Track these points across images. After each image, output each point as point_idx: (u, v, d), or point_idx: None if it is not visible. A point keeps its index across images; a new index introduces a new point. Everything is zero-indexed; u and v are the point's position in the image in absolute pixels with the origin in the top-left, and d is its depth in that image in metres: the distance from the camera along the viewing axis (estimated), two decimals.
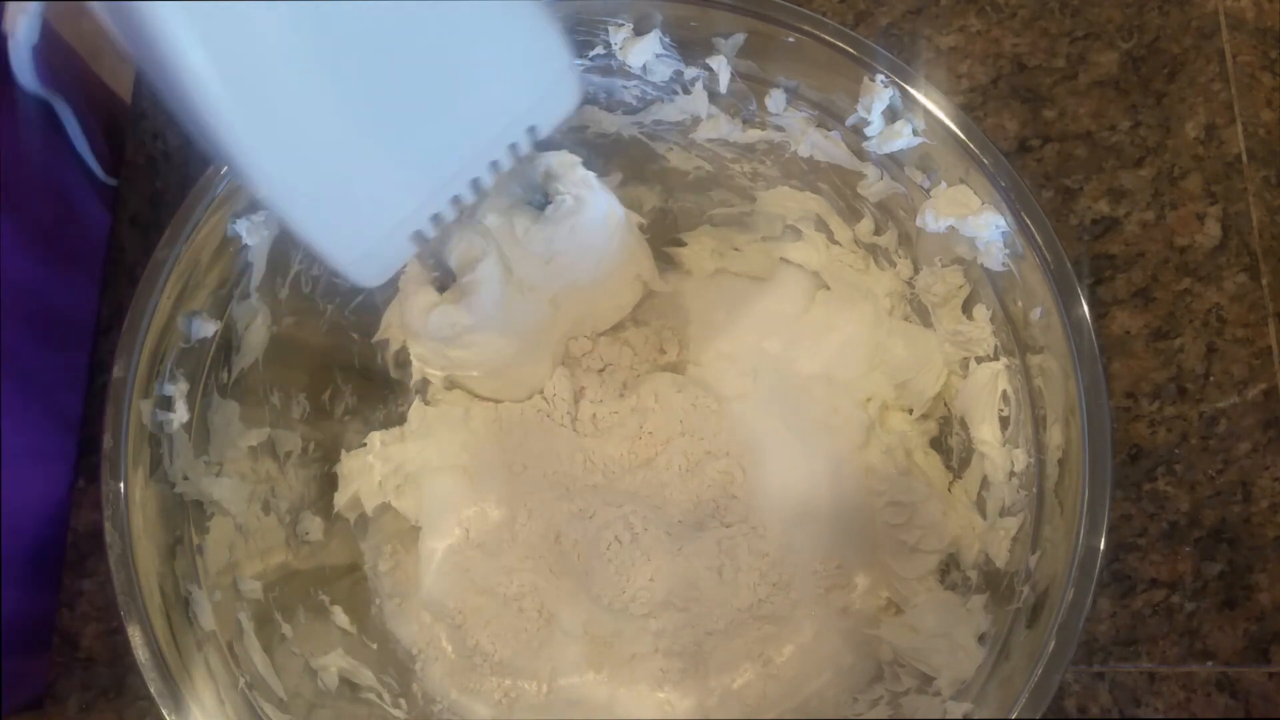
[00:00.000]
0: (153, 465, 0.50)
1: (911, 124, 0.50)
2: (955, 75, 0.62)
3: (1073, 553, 0.46)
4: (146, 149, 0.63)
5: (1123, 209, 0.60)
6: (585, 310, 0.59)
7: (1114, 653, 0.54)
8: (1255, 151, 0.60)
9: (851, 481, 0.56)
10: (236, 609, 0.51)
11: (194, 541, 0.51)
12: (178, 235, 0.49)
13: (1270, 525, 0.55)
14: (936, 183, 0.50)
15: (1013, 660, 0.47)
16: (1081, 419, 0.46)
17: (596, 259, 0.55)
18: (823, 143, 0.54)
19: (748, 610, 0.54)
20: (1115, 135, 0.61)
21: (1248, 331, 0.58)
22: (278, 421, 0.57)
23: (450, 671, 0.57)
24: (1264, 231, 0.59)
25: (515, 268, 0.53)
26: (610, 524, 0.55)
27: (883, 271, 0.58)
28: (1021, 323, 0.50)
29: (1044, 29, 0.63)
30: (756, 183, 0.59)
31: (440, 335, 0.53)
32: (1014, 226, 0.48)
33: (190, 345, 0.51)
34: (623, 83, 0.55)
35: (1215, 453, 0.56)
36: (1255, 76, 0.61)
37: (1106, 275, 0.59)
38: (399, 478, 0.59)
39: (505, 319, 0.54)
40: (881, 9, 0.63)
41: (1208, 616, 0.55)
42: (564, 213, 0.52)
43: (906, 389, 0.57)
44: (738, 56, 0.52)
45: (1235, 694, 0.54)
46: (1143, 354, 0.58)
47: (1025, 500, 0.50)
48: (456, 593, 0.57)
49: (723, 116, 0.55)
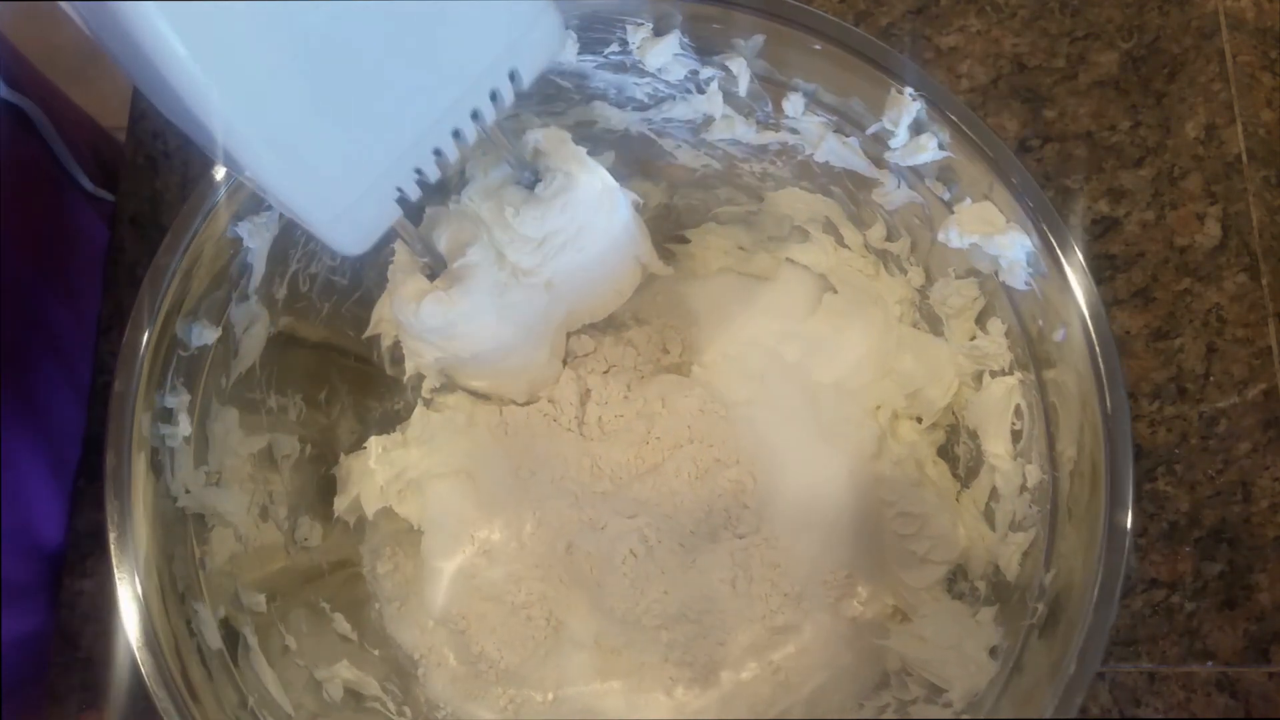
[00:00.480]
0: (155, 480, 0.48)
1: (938, 138, 0.49)
2: (955, 75, 0.62)
3: (1095, 573, 0.46)
4: (146, 149, 0.60)
5: (1123, 209, 0.60)
6: (583, 295, 0.57)
7: (1114, 653, 0.55)
8: (1255, 151, 0.60)
9: (862, 491, 0.56)
10: (240, 623, 0.50)
11: (196, 555, 0.50)
12: (177, 243, 0.47)
13: (1270, 525, 0.56)
14: (959, 197, 0.50)
15: (1026, 675, 0.48)
16: (1106, 443, 0.46)
17: (592, 239, 0.53)
18: (840, 149, 0.53)
19: (760, 621, 0.54)
20: (1115, 135, 0.61)
21: (1248, 331, 0.58)
22: (275, 425, 0.55)
23: (454, 678, 0.56)
24: (1264, 231, 0.59)
25: (507, 250, 0.51)
26: (624, 536, 0.54)
27: (893, 278, 0.57)
28: (1038, 339, 0.50)
29: (1044, 29, 0.62)
30: (766, 183, 0.58)
31: (432, 324, 0.51)
32: (1040, 247, 0.48)
33: (190, 353, 0.49)
34: (635, 80, 0.53)
35: (1215, 453, 0.57)
36: (1255, 76, 0.62)
37: (1106, 275, 0.59)
38: (401, 483, 0.58)
39: (500, 306, 0.52)
40: (881, 9, 0.63)
41: (1208, 616, 0.55)
42: (555, 190, 0.50)
43: (917, 398, 0.56)
44: (757, 58, 0.51)
45: (1235, 694, 0.55)
46: (1143, 354, 0.58)
47: (1038, 515, 0.50)
48: (462, 599, 0.56)
49: (737, 117, 0.54)
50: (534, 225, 0.50)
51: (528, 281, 0.52)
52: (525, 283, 0.52)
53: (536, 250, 0.52)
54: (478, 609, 0.56)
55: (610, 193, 0.52)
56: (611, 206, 0.53)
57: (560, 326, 0.57)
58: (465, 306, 0.50)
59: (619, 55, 0.52)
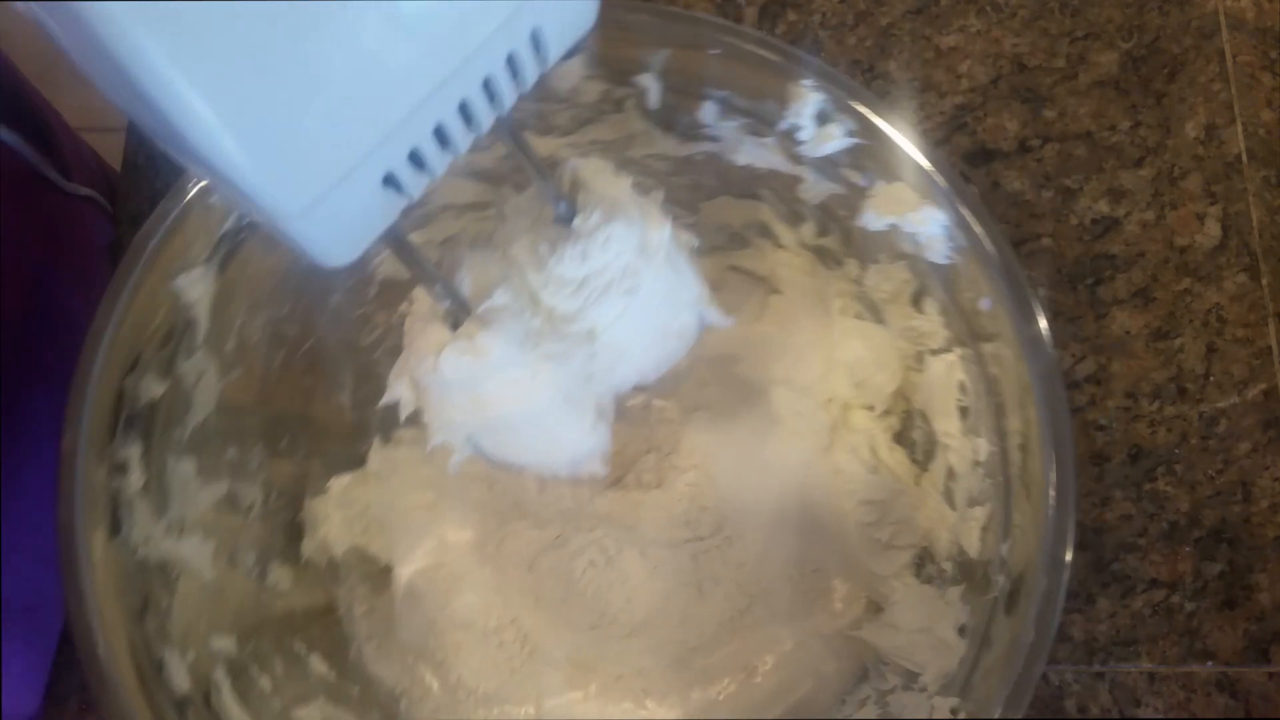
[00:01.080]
0: (112, 532, 0.49)
1: (843, 126, 0.50)
2: (955, 75, 0.62)
3: (1043, 539, 0.46)
4: (146, 149, 0.61)
5: (1123, 209, 0.60)
6: (632, 349, 0.48)
7: (1114, 653, 0.55)
8: (1255, 151, 0.60)
9: (821, 484, 0.56)
10: (211, 668, 0.51)
11: (162, 604, 0.50)
12: (115, 298, 0.48)
13: (1270, 525, 0.56)
14: (874, 182, 0.51)
15: (994, 650, 0.47)
16: (1039, 406, 0.46)
17: (640, 282, 0.46)
18: (758, 150, 0.54)
19: (729, 622, 0.54)
20: (1115, 135, 0.61)
21: (1248, 331, 0.58)
22: (237, 474, 0.56)
23: (436, 709, 0.56)
24: (1264, 231, 0.59)
25: (543, 294, 0.44)
26: (583, 550, 0.54)
27: (830, 272, 0.58)
28: (971, 313, 0.51)
29: (1044, 29, 0.63)
30: (697, 195, 0.59)
31: (455, 378, 0.44)
32: (954, 220, 0.48)
33: (139, 408, 0.51)
34: (554, 106, 0.55)
35: (1215, 453, 0.57)
36: (1255, 76, 0.62)
37: (1106, 275, 0.59)
38: (366, 520, 0.58)
39: (534, 358, 0.44)
40: (881, 9, 0.63)
41: (1208, 616, 0.55)
42: (595, 223, 0.43)
43: (865, 387, 0.57)
44: (665, 72, 0.52)
45: (1235, 694, 0.54)
46: (1143, 354, 0.58)
47: (992, 489, 0.50)
48: (434, 630, 0.56)
49: (656, 132, 0.55)
50: (573, 264, 0.43)
51: (567, 330, 0.45)
52: (564, 331, 0.45)
53: (576, 293, 0.44)
54: (452, 638, 0.56)
55: (659, 228, 0.46)
56: (660, 244, 0.46)
57: (607, 386, 0.49)
58: (493, 357, 0.43)
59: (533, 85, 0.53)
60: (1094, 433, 0.57)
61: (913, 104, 0.62)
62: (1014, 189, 0.60)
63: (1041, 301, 0.53)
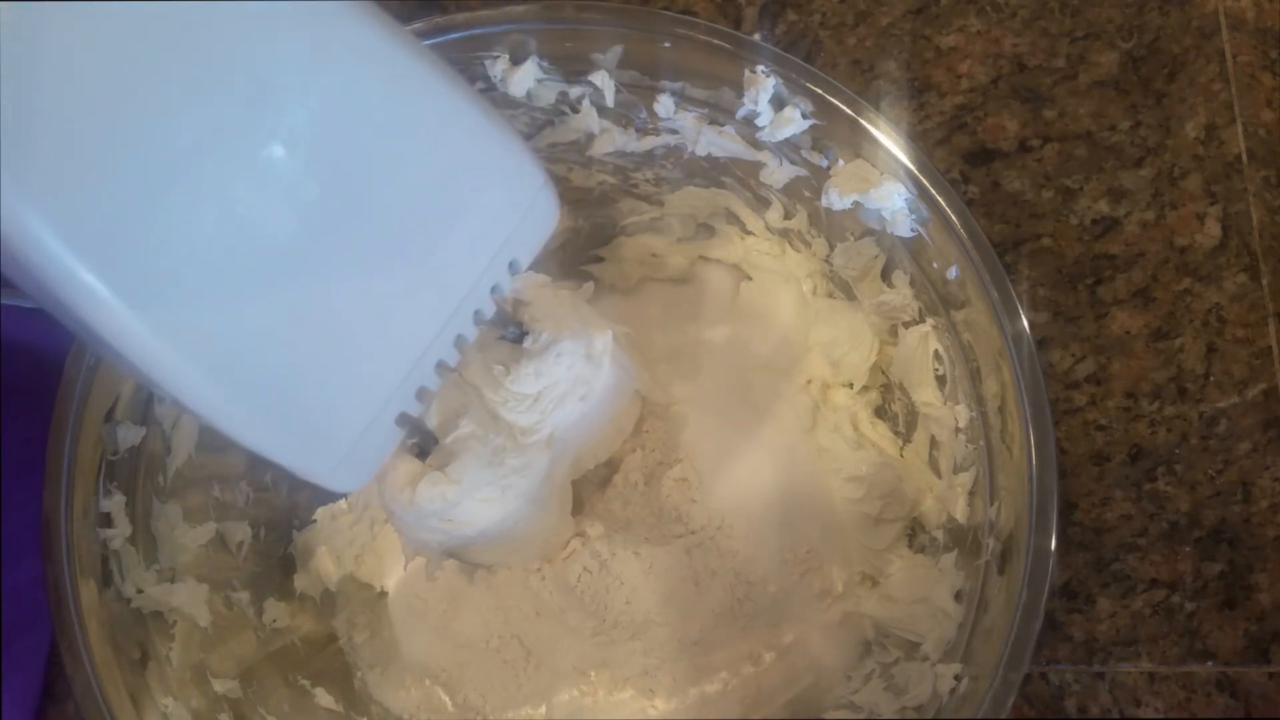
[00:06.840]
0: (103, 584, 0.48)
1: (799, 108, 0.50)
2: (955, 75, 0.62)
3: (1029, 496, 0.46)
4: None
5: (1123, 209, 0.60)
6: (585, 442, 0.53)
7: (1114, 653, 0.55)
8: (1255, 151, 0.60)
9: (806, 465, 0.56)
10: (216, 712, 0.50)
11: (161, 652, 0.50)
12: (84, 347, 0.48)
13: (1270, 525, 0.56)
14: (834, 161, 0.51)
15: (991, 612, 0.48)
16: (1012, 366, 0.47)
17: (589, 384, 0.49)
18: (717, 139, 0.54)
19: (729, 612, 0.54)
20: (1115, 135, 0.61)
21: (1248, 331, 0.58)
22: (223, 514, 0.55)
23: None
24: (1264, 231, 0.59)
25: (502, 411, 0.47)
26: (576, 556, 0.54)
27: (799, 254, 0.58)
28: (940, 282, 0.51)
29: (1044, 29, 0.62)
30: (661, 188, 0.59)
31: (431, 508, 0.46)
32: (915, 192, 0.49)
33: (119, 456, 0.50)
34: (510, 112, 0.55)
35: (1215, 453, 0.57)
36: (1255, 76, 0.61)
37: (1106, 275, 0.59)
38: (356, 548, 0.58)
39: (500, 475, 0.47)
40: (881, 9, 0.63)
41: (1208, 616, 0.55)
42: (544, 343, 0.47)
43: (842, 365, 0.57)
44: (619, 68, 0.52)
45: (1235, 694, 0.54)
46: (1143, 354, 0.58)
47: (975, 453, 0.51)
48: (437, 654, 0.56)
49: (615, 129, 0.55)
50: (529, 381, 0.47)
51: (527, 441, 0.48)
52: (524, 443, 0.48)
53: (533, 407, 0.48)
54: (456, 658, 0.56)
55: (604, 337, 0.49)
56: (607, 350, 0.50)
57: (564, 481, 0.54)
58: (466, 482, 0.46)
59: (486, 90, 0.53)
60: (1094, 433, 0.57)
61: (913, 104, 0.61)
62: (1014, 189, 0.60)
63: (1026, 294, 0.53)
